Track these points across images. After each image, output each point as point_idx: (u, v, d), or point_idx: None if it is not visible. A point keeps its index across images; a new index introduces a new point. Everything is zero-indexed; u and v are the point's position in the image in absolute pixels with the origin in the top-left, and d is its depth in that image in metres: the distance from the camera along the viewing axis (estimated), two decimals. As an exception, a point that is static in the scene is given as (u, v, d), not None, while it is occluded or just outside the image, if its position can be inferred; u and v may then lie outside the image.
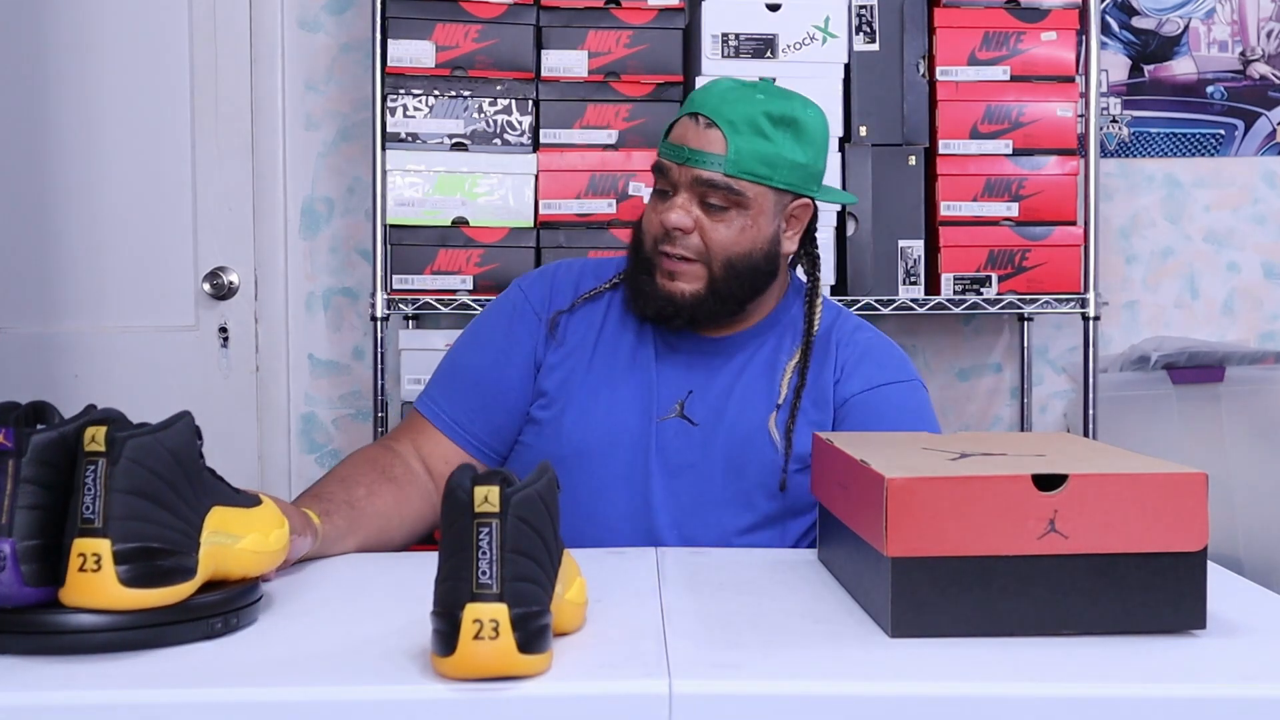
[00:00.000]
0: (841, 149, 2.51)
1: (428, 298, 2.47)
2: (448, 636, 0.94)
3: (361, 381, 2.88)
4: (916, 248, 2.53)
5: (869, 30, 2.53)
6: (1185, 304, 2.96)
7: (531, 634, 0.95)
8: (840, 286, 2.52)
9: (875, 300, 2.50)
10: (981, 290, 2.52)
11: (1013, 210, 2.53)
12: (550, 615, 0.98)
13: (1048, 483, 1.09)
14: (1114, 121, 2.93)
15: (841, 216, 2.52)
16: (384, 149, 2.47)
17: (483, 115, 2.49)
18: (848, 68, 2.52)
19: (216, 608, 1.08)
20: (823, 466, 1.38)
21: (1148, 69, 2.94)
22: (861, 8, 2.53)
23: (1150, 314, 2.96)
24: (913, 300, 2.52)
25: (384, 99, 2.48)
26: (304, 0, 2.86)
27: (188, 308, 2.87)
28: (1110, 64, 2.93)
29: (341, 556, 1.45)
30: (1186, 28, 2.93)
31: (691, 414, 1.67)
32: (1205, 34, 2.93)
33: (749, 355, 1.70)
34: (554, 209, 2.48)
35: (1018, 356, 2.93)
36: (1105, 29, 2.91)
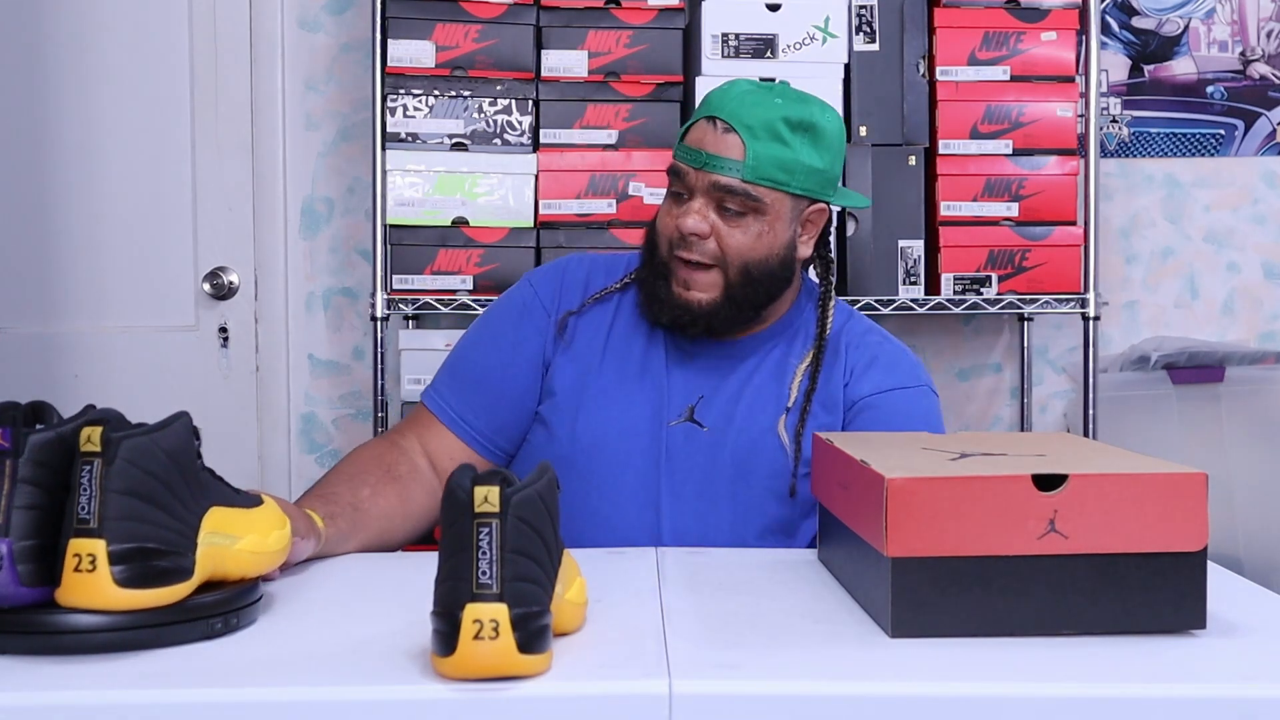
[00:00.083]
0: (841, 149, 2.51)
1: (428, 298, 2.47)
2: (448, 636, 0.94)
3: (361, 381, 2.88)
4: (916, 248, 2.53)
5: (869, 30, 2.53)
6: (1185, 304, 2.96)
7: (531, 634, 0.95)
8: (840, 286, 2.52)
9: (875, 300, 2.50)
10: (981, 290, 2.52)
11: (1013, 210, 2.53)
12: (550, 615, 0.98)
13: (1048, 483, 1.09)
14: (1114, 121, 2.93)
15: (841, 216, 2.52)
16: (384, 149, 2.47)
17: (483, 115, 2.48)
18: (848, 68, 2.52)
19: (216, 608, 1.08)
20: (823, 466, 1.38)
21: (1148, 69, 2.94)
22: (861, 8, 2.53)
23: (1150, 314, 2.96)
24: (913, 300, 2.52)
25: (384, 99, 2.48)
26: (304, 0, 2.86)
27: (188, 308, 2.87)
28: (1110, 64, 2.93)
29: (342, 557, 1.45)
30: (1186, 28, 2.93)
31: (701, 418, 1.66)
32: (1205, 34, 2.93)
33: (760, 359, 1.70)
34: (554, 209, 2.48)
35: (1018, 356, 2.93)
36: (1105, 29, 2.91)
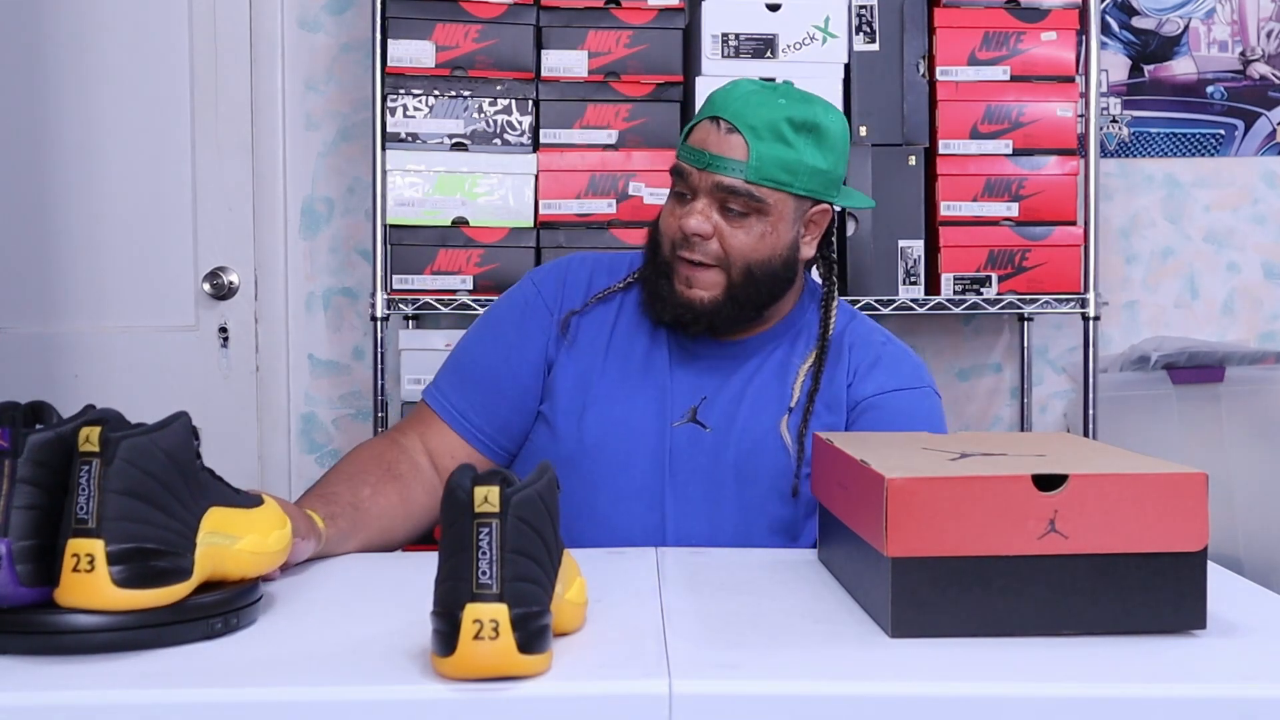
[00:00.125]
0: (842, 149, 2.51)
1: (428, 298, 2.47)
2: (448, 636, 0.94)
3: (361, 381, 2.88)
4: (916, 248, 2.53)
5: (869, 30, 2.53)
6: (1185, 304, 2.96)
7: (531, 634, 0.95)
8: (840, 286, 2.51)
9: (875, 300, 2.50)
10: (981, 290, 2.52)
11: (1013, 210, 2.53)
12: (550, 615, 0.98)
13: (1048, 483, 1.09)
14: (1114, 121, 2.93)
15: (842, 216, 2.52)
16: (384, 149, 2.47)
17: (483, 115, 2.48)
18: (848, 68, 2.52)
19: (216, 608, 1.08)
20: (823, 466, 1.38)
21: (1148, 69, 2.94)
22: (861, 8, 2.53)
23: (1150, 314, 2.96)
24: (913, 300, 2.52)
25: (384, 99, 2.47)
26: (304, 0, 2.86)
27: (188, 308, 2.87)
28: (1110, 64, 2.93)
29: (342, 557, 1.45)
30: (1186, 28, 2.93)
31: (704, 419, 1.66)
32: (1205, 34, 2.93)
33: (762, 359, 1.69)
34: (554, 209, 2.48)
35: (1018, 356, 2.93)
36: (1105, 29, 2.91)
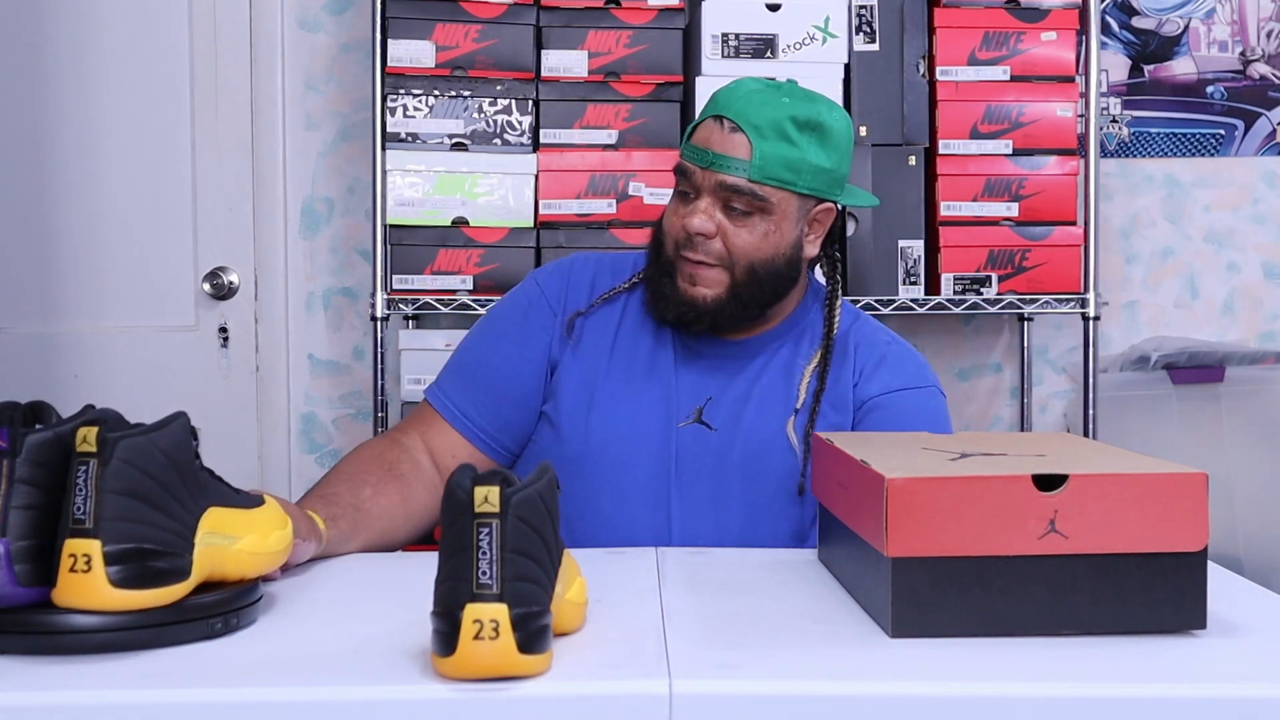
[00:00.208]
0: (842, 149, 2.51)
1: (428, 298, 2.47)
2: (448, 636, 0.94)
3: (361, 381, 2.88)
4: (916, 248, 2.53)
5: (869, 30, 2.53)
6: (1185, 304, 2.96)
7: (531, 634, 0.95)
8: (842, 288, 2.52)
9: (875, 300, 2.49)
10: (981, 290, 2.52)
11: (1013, 210, 2.53)
12: (550, 615, 0.98)
13: (1048, 483, 1.09)
14: (1114, 121, 2.93)
15: (842, 217, 2.51)
16: (384, 149, 2.47)
17: (483, 115, 2.48)
18: (848, 68, 2.52)
19: (216, 608, 1.08)
20: (823, 466, 1.38)
21: (1148, 69, 2.94)
22: (861, 8, 2.53)
23: (1150, 314, 2.96)
24: (913, 300, 2.52)
25: (384, 99, 2.47)
26: (304, 0, 2.86)
27: (188, 308, 2.87)
28: (1110, 64, 2.93)
29: (343, 557, 1.45)
30: (1186, 28, 2.93)
31: (710, 419, 1.66)
32: (1205, 34, 2.93)
33: (766, 359, 1.69)
34: (554, 209, 2.48)
35: (1018, 356, 2.93)
36: (1105, 29, 2.91)
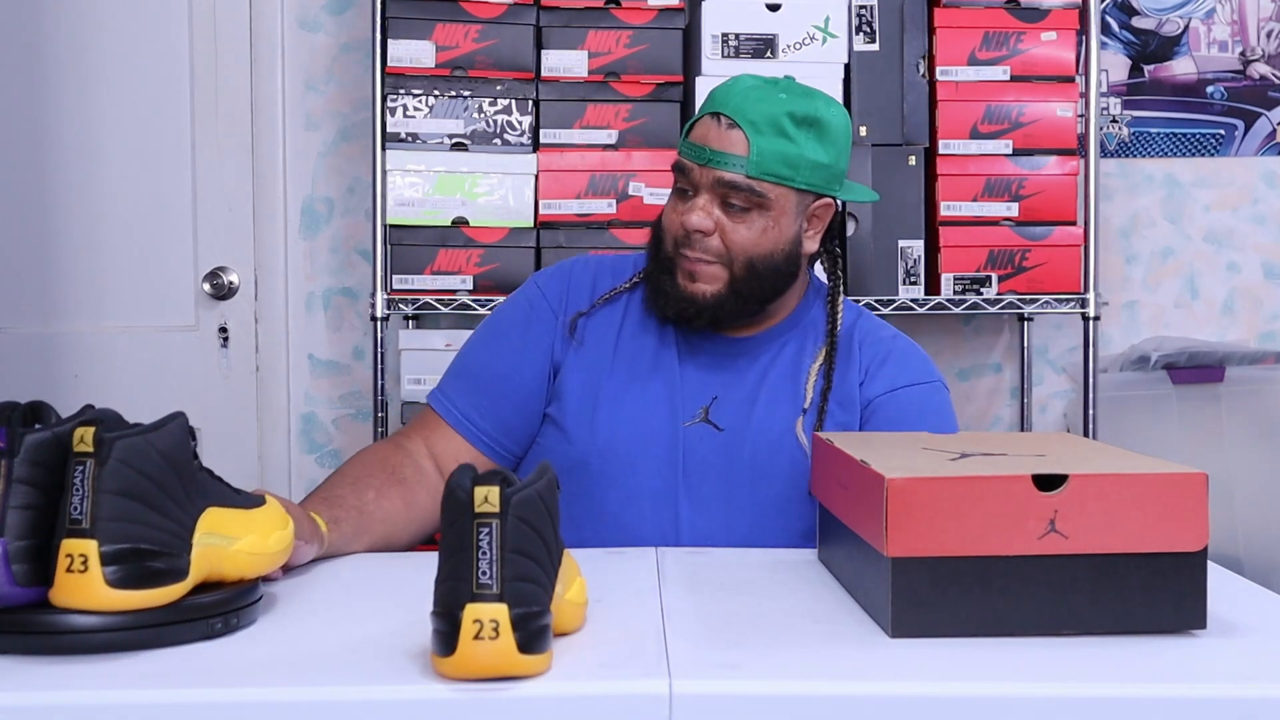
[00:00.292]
0: (842, 149, 2.51)
1: (428, 298, 2.47)
2: (448, 636, 0.94)
3: (361, 381, 2.88)
4: (916, 248, 2.53)
5: (869, 30, 2.53)
6: (1185, 304, 2.96)
7: (531, 634, 0.95)
8: (842, 282, 2.52)
9: (875, 300, 2.49)
10: (981, 290, 2.52)
11: (1013, 210, 2.53)
12: (550, 615, 0.98)
13: (1048, 483, 1.09)
14: (1114, 121, 2.93)
15: (842, 217, 2.50)
16: (384, 149, 2.47)
17: (483, 115, 2.48)
18: (848, 68, 2.52)
19: (216, 608, 1.08)
20: (823, 466, 1.38)
21: (1148, 69, 2.94)
22: (861, 8, 2.53)
23: (1150, 314, 2.96)
24: (913, 300, 2.52)
25: (384, 99, 2.48)
26: (304, 0, 2.86)
27: (188, 308, 2.87)
28: (1110, 64, 2.93)
29: (342, 557, 1.45)
30: (1186, 28, 2.93)
31: (717, 419, 1.66)
32: (1205, 34, 2.93)
33: (772, 358, 1.69)
34: (554, 209, 2.48)
35: (1018, 356, 2.93)
36: (1105, 29, 2.91)
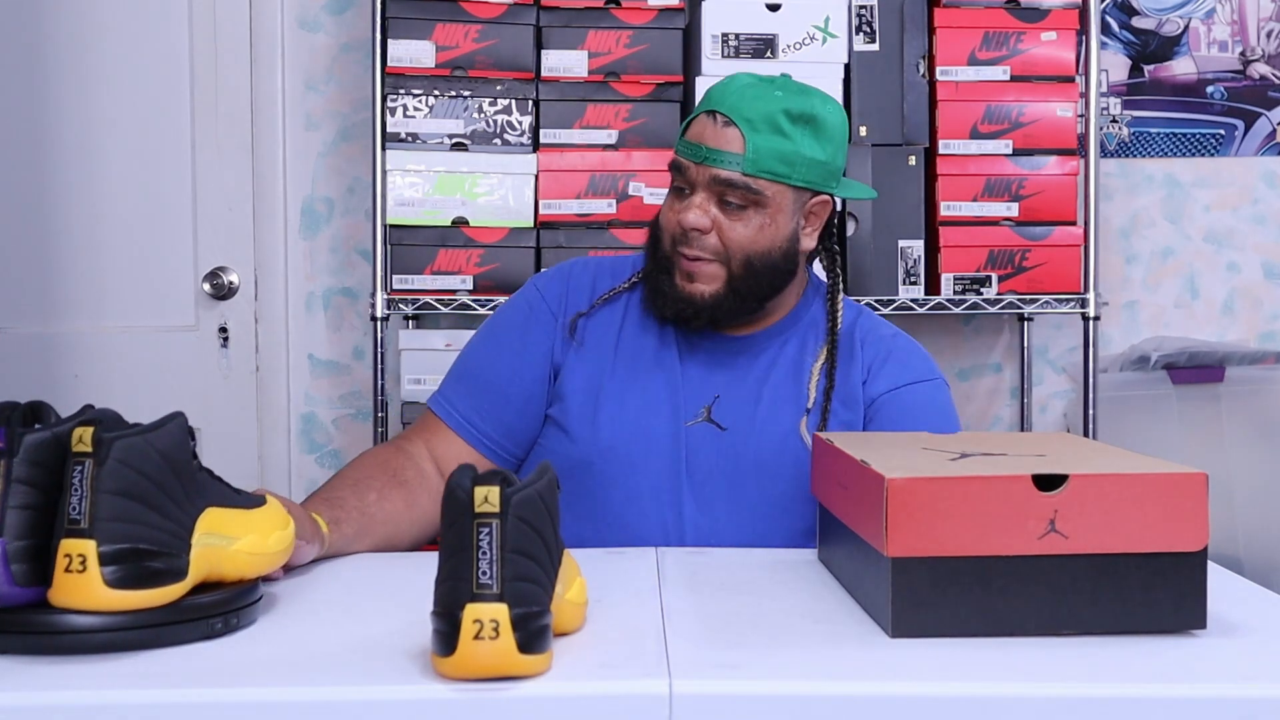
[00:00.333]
0: (841, 149, 2.51)
1: (428, 298, 2.47)
2: (448, 636, 0.94)
3: (361, 381, 2.88)
4: (916, 248, 2.53)
5: (869, 30, 2.53)
6: (1185, 304, 2.96)
7: (531, 634, 0.95)
8: (841, 280, 2.52)
9: (875, 300, 2.49)
10: (981, 290, 2.52)
11: (1013, 210, 2.53)
12: (550, 615, 0.98)
13: (1048, 483, 1.09)
14: (1114, 121, 2.93)
15: (841, 217, 2.52)
16: (384, 149, 2.47)
17: (483, 115, 2.48)
18: (848, 68, 2.52)
19: (216, 608, 1.08)
20: (823, 466, 1.38)
21: (1148, 69, 2.94)
22: (861, 8, 2.53)
23: (1150, 314, 2.96)
24: (913, 300, 2.52)
25: (384, 99, 2.48)
26: (304, 0, 2.86)
27: (188, 308, 2.87)
28: (1110, 64, 2.93)
29: (343, 557, 1.45)
30: (1186, 28, 2.93)
31: (719, 419, 1.66)
32: (1205, 34, 2.93)
33: (773, 356, 1.69)
34: (554, 209, 2.48)
35: (1018, 356, 2.93)
36: (1105, 29, 2.91)
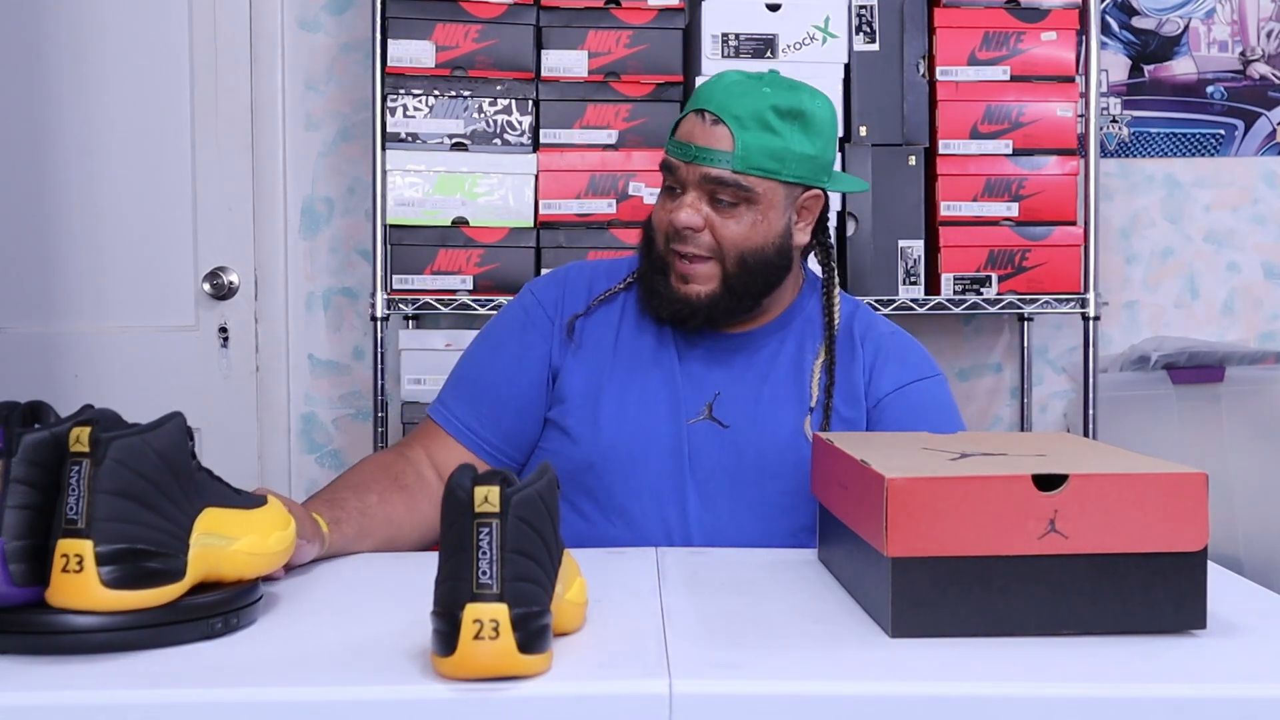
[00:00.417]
0: (842, 149, 2.51)
1: (428, 298, 2.47)
2: (448, 636, 0.94)
3: (361, 381, 2.88)
4: (916, 248, 2.53)
5: (869, 30, 2.53)
6: (1185, 304, 2.96)
7: (531, 634, 0.95)
8: (840, 286, 2.51)
9: (875, 300, 2.49)
10: (981, 290, 2.52)
11: (1013, 210, 2.53)
12: (550, 615, 0.98)
13: (1048, 483, 1.09)
14: (1114, 121, 2.93)
15: (842, 217, 2.52)
16: (384, 149, 2.47)
17: (483, 115, 2.48)
18: (848, 68, 2.52)
19: (216, 608, 1.08)
20: (823, 466, 1.38)
21: (1148, 69, 2.94)
22: (861, 8, 2.53)
23: (1150, 314, 2.96)
24: (913, 300, 2.52)
25: (384, 99, 2.48)
26: (304, 0, 2.87)
27: (188, 308, 2.87)
28: (1110, 64, 2.93)
29: (343, 557, 1.45)
30: (1186, 28, 2.93)
31: (721, 416, 1.66)
32: (1205, 34, 2.93)
33: (773, 354, 1.69)
34: (554, 209, 2.48)
35: (1018, 356, 2.93)
36: (1105, 29, 2.91)
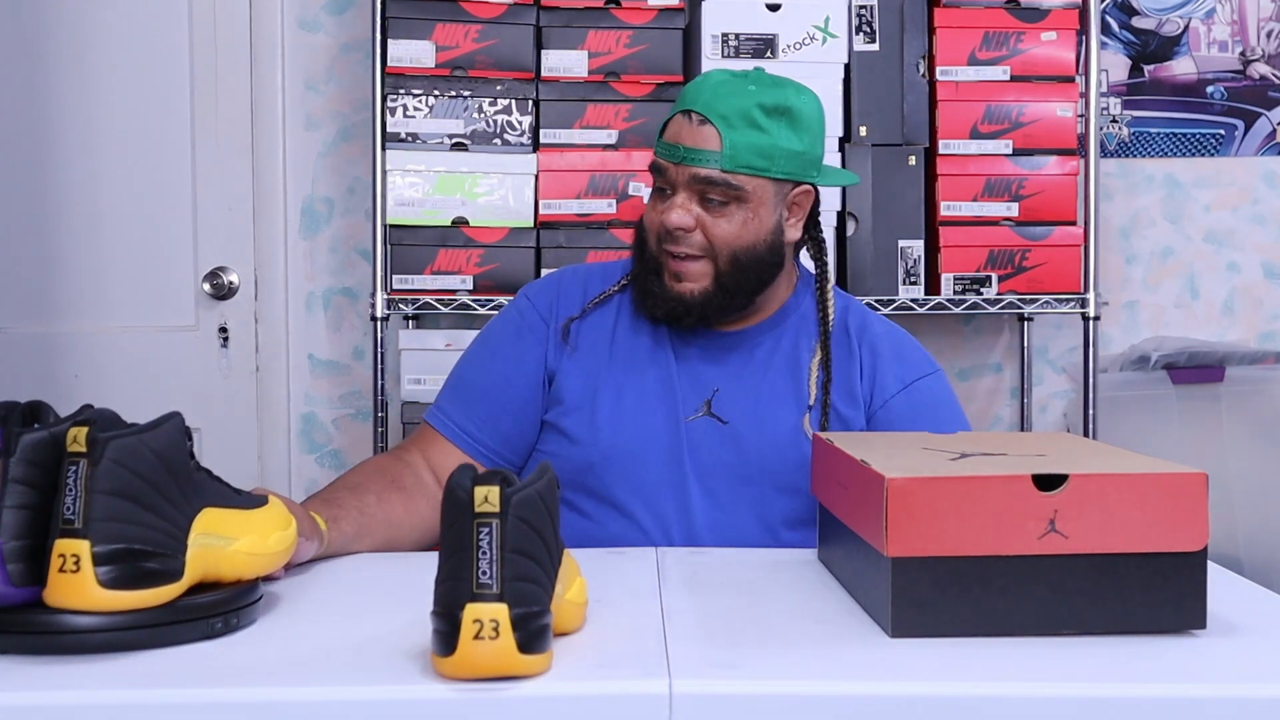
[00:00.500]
0: (841, 149, 2.51)
1: (428, 298, 2.47)
2: (448, 636, 0.94)
3: (361, 381, 2.88)
4: (916, 248, 2.53)
5: (869, 30, 2.53)
6: (1185, 304, 2.96)
7: (531, 634, 0.95)
8: (840, 286, 2.51)
9: (875, 300, 2.49)
10: (981, 290, 2.52)
11: (1013, 210, 2.53)
12: (550, 615, 0.98)
13: (1048, 483, 1.09)
14: (1114, 121, 2.93)
15: (841, 217, 2.52)
16: (384, 149, 2.47)
17: (483, 115, 2.48)
18: (848, 68, 2.52)
19: (216, 608, 1.08)
20: (823, 466, 1.38)
21: (1148, 69, 2.94)
22: (861, 8, 2.53)
23: (1150, 314, 2.96)
24: (913, 300, 2.52)
25: (384, 99, 2.48)
26: (304, 0, 2.87)
27: (188, 308, 2.87)
28: (1110, 64, 2.93)
29: (343, 557, 1.45)
30: (1186, 28, 2.93)
31: (720, 412, 1.66)
32: (1205, 34, 2.93)
33: (769, 351, 1.70)
34: (554, 209, 2.48)
35: (1018, 356, 2.93)
36: (1105, 29, 2.91)
